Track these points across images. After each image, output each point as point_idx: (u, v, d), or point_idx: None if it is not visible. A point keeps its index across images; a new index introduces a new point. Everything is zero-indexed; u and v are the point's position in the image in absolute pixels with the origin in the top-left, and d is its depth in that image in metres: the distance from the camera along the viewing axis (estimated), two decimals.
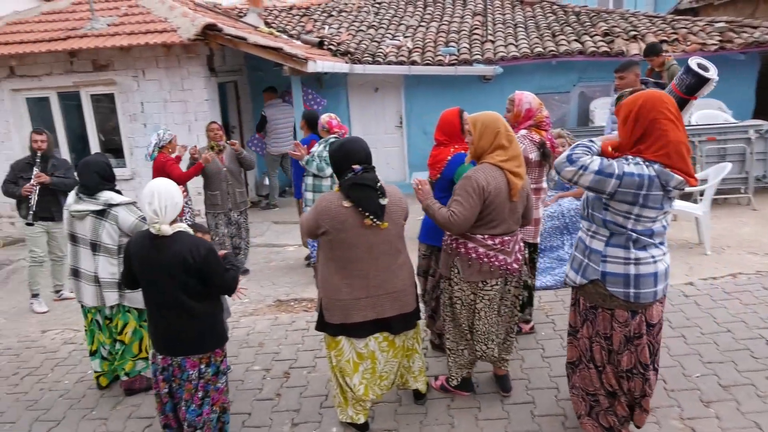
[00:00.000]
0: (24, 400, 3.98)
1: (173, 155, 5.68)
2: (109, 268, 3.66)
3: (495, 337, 3.24)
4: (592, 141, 2.57)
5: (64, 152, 8.20)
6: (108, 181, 3.69)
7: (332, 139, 5.27)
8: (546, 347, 3.96)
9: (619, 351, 2.61)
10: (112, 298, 3.69)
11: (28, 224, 5.37)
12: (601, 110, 8.56)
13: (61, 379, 4.22)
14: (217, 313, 2.98)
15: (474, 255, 3.06)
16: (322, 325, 3.02)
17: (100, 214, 3.60)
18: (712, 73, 4.30)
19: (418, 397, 3.41)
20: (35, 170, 5.26)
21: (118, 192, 3.76)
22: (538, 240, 4.03)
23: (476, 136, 3.04)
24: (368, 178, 2.81)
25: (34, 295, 5.67)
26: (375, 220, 2.79)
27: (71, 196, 3.70)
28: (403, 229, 3.03)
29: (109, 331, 3.80)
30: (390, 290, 2.93)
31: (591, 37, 9.07)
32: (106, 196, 3.62)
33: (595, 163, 2.41)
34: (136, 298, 3.68)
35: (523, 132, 3.83)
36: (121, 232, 3.65)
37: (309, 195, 5.47)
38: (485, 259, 3.06)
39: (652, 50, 6.17)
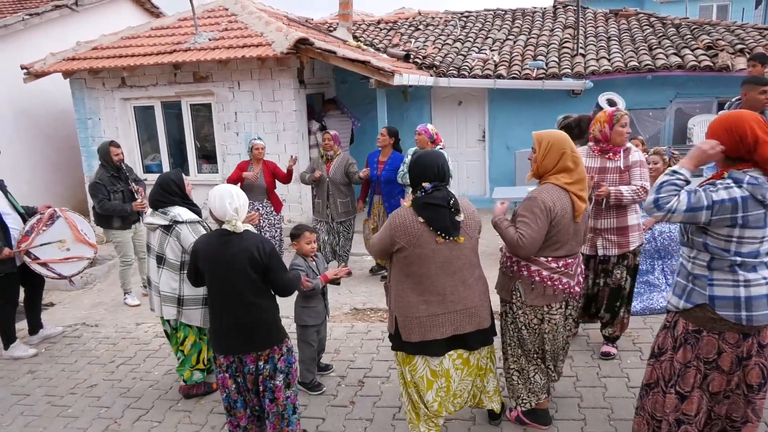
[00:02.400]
0: (118, 387, 4.27)
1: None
2: (171, 283, 3.74)
3: (562, 359, 3.26)
4: (675, 171, 2.43)
5: (164, 157, 8.80)
6: (171, 195, 3.71)
7: (441, 151, 5.39)
8: (631, 376, 3.75)
9: (730, 371, 2.49)
10: (169, 312, 3.78)
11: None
12: (701, 128, 8.05)
13: (151, 370, 4.50)
14: (275, 313, 3.12)
15: (537, 278, 2.99)
16: (399, 344, 2.95)
17: (167, 229, 3.69)
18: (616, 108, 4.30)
19: (493, 417, 3.33)
20: (133, 186, 5.77)
21: (195, 209, 3.82)
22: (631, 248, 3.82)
23: (540, 154, 3.00)
24: (438, 197, 2.76)
25: (126, 292, 6.13)
26: (447, 237, 2.76)
27: (149, 209, 3.84)
28: (478, 242, 2.99)
29: (175, 340, 3.97)
30: (468, 305, 2.88)
31: (692, 50, 8.57)
32: (175, 211, 3.68)
33: (683, 202, 2.35)
34: (193, 316, 3.78)
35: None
36: (183, 248, 3.68)
37: None
38: (549, 283, 2.98)
39: (761, 58, 5.57)
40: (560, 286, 3.00)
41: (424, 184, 2.79)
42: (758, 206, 2.29)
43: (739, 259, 2.36)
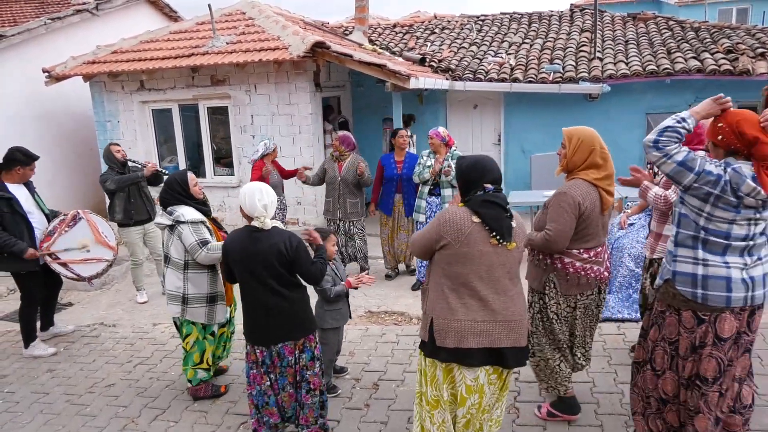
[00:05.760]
0: (135, 386, 4.31)
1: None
2: (175, 282, 3.78)
3: (587, 342, 3.35)
4: (683, 119, 2.52)
5: (181, 160, 8.89)
6: (176, 194, 3.76)
7: (457, 152, 5.64)
8: None
9: (684, 357, 2.60)
10: (173, 310, 3.84)
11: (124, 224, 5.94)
12: None
13: (168, 370, 4.54)
14: (308, 303, 3.21)
15: (572, 269, 3.09)
16: (432, 350, 2.74)
17: (171, 229, 3.73)
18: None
19: None
20: (147, 162, 6.05)
21: (205, 208, 3.86)
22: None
23: (570, 150, 3.07)
24: (500, 197, 2.68)
25: (138, 289, 6.32)
26: (501, 240, 2.63)
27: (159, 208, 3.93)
28: (522, 255, 2.85)
29: (180, 335, 4.00)
30: (508, 318, 2.69)
31: (711, 54, 8.47)
32: (180, 211, 3.70)
33: (680, 154, 2.47)
34: (198, 313, 3.81)
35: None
36: (185, 248, 3.70)
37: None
38: (582, 272, 3.09)
39: None
40: (592, 274, 3.11)
41: (486, 185, 2.68)
42: (732, 194, 2.40)
43: (703, 233, 2.48)
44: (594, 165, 3.02)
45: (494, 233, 2.62)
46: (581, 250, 3.07)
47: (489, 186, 2.69)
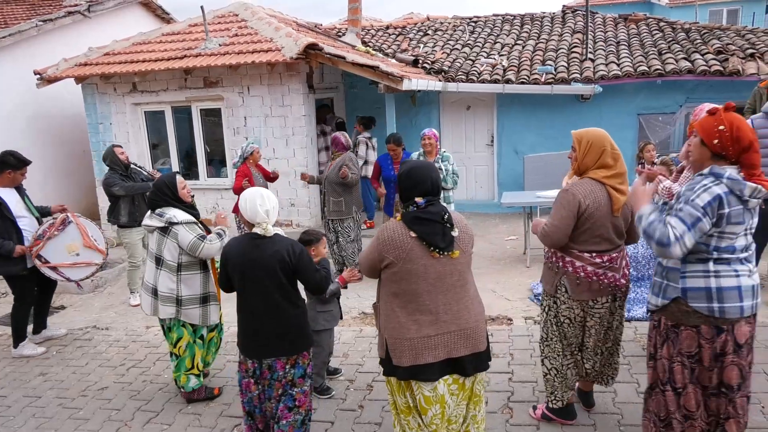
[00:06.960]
0: (129, 389, 4.30)
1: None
2: (169, 284, 3.76)
3: (601, 353, 3.24)
4: (642, 214, 2.48)
5: (174, 162, 8.86)
6: (164, 197, 3.73)
7: (447, 153, 5.82)
8: (641, 381, 3.73)
9: (709, 368, 2.53)
10: (167, 311, 3.79)
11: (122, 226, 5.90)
12: None
13: (161, 373, 4.52)
14: (306, 317, 3.13)
15: (583, 274, 3.03)
16: (390, 370, 2.74)
17: (164, 230, 3.70)
18: None
19: None
20: (152, 168, 5.90)
21: (194, 212, 3.84)
22: None
23: (581, 153, 3.03)
24: (432, 212, 2.61)
25: (132, 291, 6.25)
26: (442, 252, 2.60)
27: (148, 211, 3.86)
28: (471, 258, 2.82)
29: (169, 340, 3.96)
30: (462, 326, 2.66)
31: (702, 55, 8.54)
32: (171, 213, 3.69)
33: (680, 226, 2.35)
34: (192, 314, 3.79)
35: None
36: (180, 249, 3.70)
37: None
38: (594, 278, 3.02)
39: None
40: (606, 281, 3.03)
41: (417, 199, 2.62)
42: (737, 202, 2.36)
43: (716, 254, 2.43)
44: (604, 165, 2.98)
45: (432, 247, 2.59)
46: (593, 254, 2.99)
47: (420, 200, 2.63)
